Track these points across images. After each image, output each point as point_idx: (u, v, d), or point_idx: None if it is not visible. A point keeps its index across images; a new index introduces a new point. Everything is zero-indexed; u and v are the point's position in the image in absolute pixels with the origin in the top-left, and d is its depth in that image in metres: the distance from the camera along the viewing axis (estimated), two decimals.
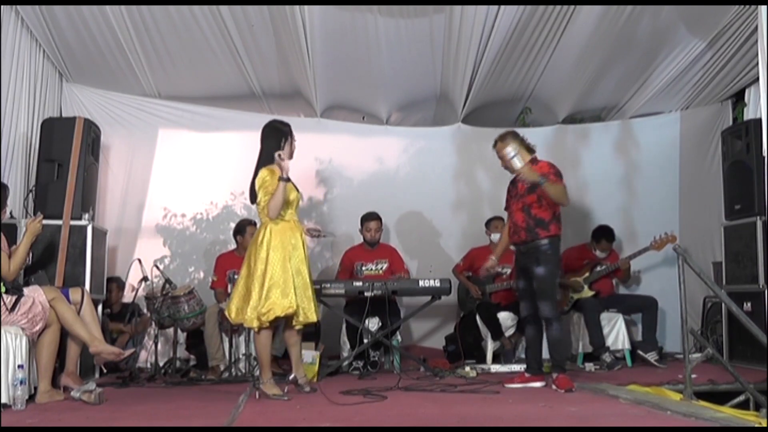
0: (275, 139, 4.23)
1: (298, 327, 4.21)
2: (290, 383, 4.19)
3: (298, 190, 4.31)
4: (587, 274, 5.89)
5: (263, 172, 4.14)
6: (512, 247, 4.73)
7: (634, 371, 5.28)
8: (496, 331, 5.74)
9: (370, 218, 5.82)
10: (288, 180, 4.15)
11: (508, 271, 6.07)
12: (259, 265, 4.02)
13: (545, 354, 4.63)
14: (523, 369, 5.26)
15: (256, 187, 4.16)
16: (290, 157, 4.27)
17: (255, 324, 4.02)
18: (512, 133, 4.58)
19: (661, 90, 6.27)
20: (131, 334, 5.54)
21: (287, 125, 4.33)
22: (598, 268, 5.91)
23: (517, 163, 4.45)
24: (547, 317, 4.36)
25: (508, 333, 5.80)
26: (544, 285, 4.34)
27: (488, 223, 6.08)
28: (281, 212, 4.12)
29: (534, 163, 4.49)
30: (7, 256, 3.97)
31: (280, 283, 4.00)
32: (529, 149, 4.55)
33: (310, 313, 4.13)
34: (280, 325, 5.38)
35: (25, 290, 3.99)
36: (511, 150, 4.45)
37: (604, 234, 6.01)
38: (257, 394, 3.99)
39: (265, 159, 4.22)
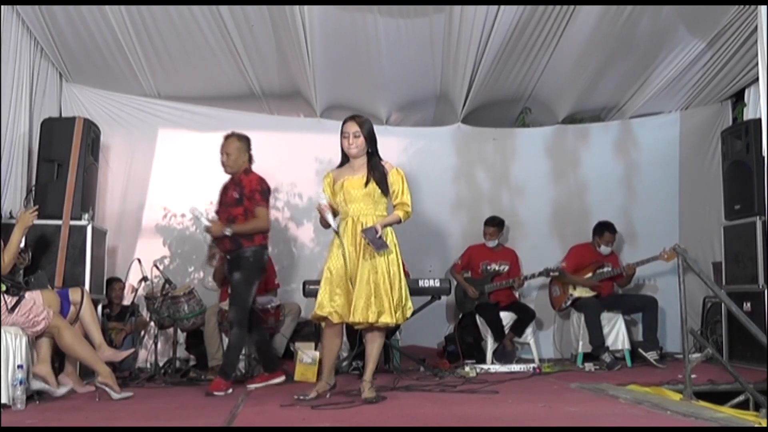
0: None
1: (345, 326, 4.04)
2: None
3: (369, 180, 3.87)
4: (590, 275, 5.88)
5: None
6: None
7: (634, 371, 5.28)
8: (499, 332, 5.74)
9: None
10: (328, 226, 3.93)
11: (506, 268, 6.06)
12: None
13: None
14: (522, 369, 5.28)
15: None
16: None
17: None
18: (246, 138, 4.67)
19: (661, 90, 6.26)
20: (127, 332, 5.56)
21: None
22: (602, 270, 5.89)
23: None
24: (230, 321, 4.47)
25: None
26: (237, 290, 4.45)
27: (484, 226, 6.13)
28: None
29: (247, 173, 4.56)
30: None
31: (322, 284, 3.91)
32: (251, 159, 4.64)
33: (355, 313, 3.78)
34: (280, 325, 5.41)
35: (27, 294, 3.96)
36: (234, 150, 4.57)
37: (607, 227, 5.95)
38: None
39: None
